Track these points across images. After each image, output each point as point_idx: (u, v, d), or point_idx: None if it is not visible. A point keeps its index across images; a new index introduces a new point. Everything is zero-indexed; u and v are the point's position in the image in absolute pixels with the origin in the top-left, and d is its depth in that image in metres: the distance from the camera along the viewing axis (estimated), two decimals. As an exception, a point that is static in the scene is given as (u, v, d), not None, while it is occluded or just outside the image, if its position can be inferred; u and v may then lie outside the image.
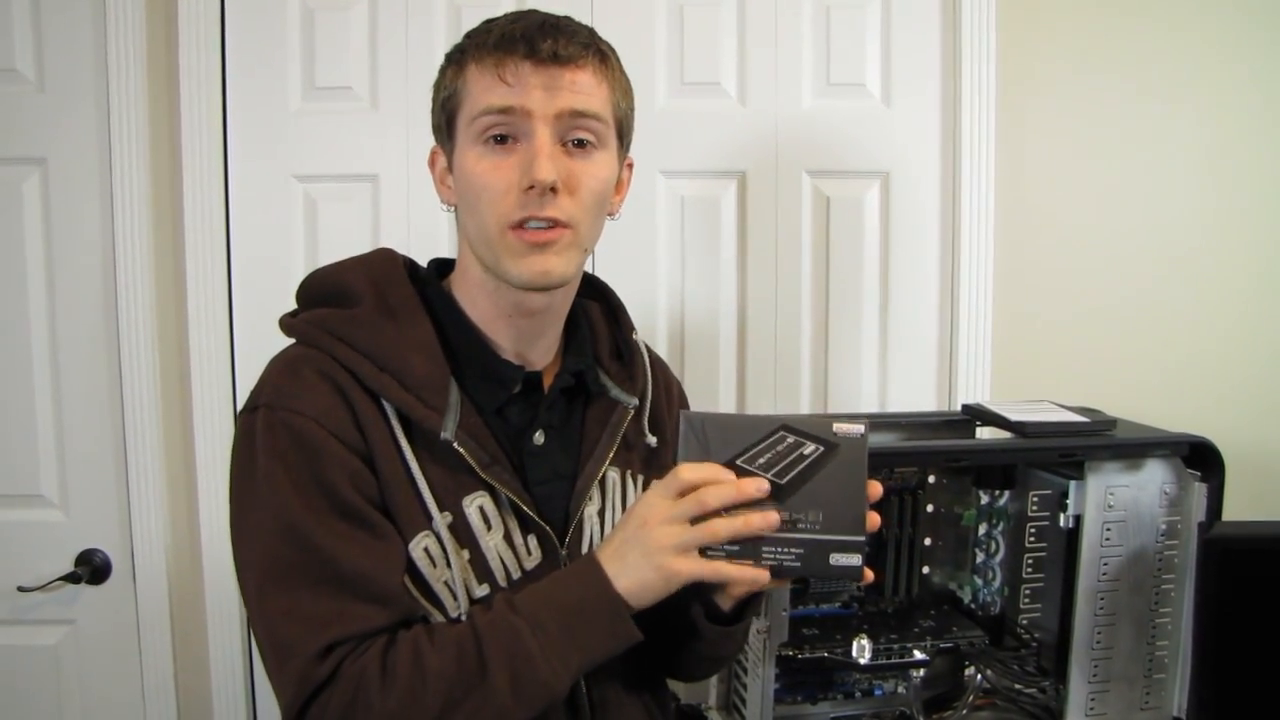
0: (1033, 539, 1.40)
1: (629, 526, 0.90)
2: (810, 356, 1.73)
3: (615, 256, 1.65)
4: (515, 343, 1.01)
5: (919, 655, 1.35)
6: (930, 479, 1.41)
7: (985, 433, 1.46)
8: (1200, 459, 1.31)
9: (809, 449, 0.88)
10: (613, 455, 1.04)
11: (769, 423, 0.89)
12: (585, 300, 1.10)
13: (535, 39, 0.92)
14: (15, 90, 1.61)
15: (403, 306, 0.98)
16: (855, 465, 0.88)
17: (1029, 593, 1.41)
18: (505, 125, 0.93)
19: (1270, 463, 1.69)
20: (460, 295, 1.02)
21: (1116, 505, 1.31)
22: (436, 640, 0.88)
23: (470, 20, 1.04)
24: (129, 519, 1.65)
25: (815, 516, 0.87)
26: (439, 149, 1.02)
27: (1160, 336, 1.73)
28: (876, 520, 0.90)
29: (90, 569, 1.64)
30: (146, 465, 1.64)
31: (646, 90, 1.62)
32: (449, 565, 0.94)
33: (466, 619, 0.91)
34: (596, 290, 1.14)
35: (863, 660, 1.32)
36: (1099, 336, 1.73)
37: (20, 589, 1.62)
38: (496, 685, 0.86)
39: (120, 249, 1.61)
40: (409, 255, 1.07)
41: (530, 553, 0.98)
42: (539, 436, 1.01)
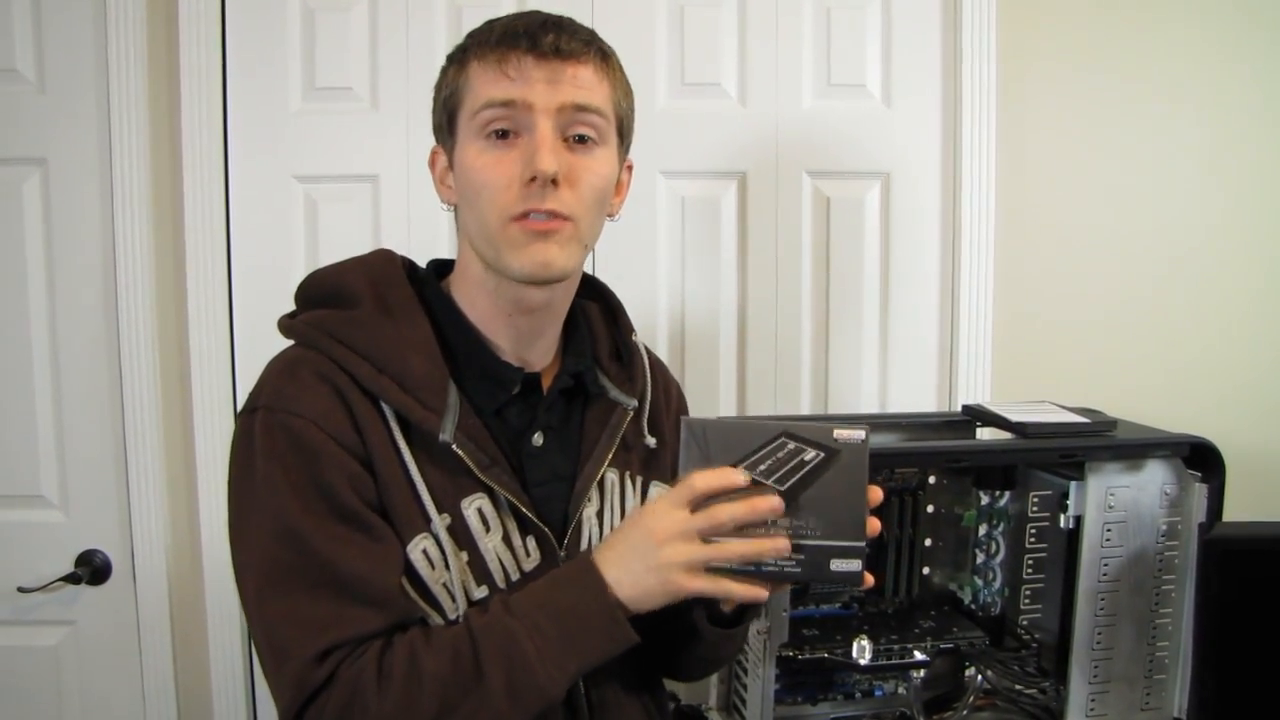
0: (1033, 540, 1.40)
1: (634, 535, 0.89)
2: (810, 357, 1.73)
3: (615, 257, 1.65)
4: (514, 343, 1.01)
5: (919, 656, 1.35)
6: (930, 480, 1.41)
7: (986, 433, 1.46)
8: (1201, 460, 1.31)
9: (810, 455, 0.88)
10: (612, 456, 1.04)
11: (770, 429, 0.89)
12: (584, 301, 1.10)
13: (538, 34, 0.93)
14: (15, 90, 1.61)
15: (401, 308, 0.98)
16: (856, 471, 0.88)
17: (1029, 593, 1.41)
18: (507, 119, 0.93)
19: (1271, 464, 1.69)
20: (459, 296, 1.02)
21: (1117, 506, 1.31)
22: (433, 643, 0.88)
23: (471, 21, 1.04)
24: (129, 519, 1.65)
25: (816, 522, 0.87)
26: (439, 149, 1.02)
27: (1161, 337, 1.73)
28: (877, 526, 0.89)
29: (90, 570, 1.64)
30: (146, 465, 1.64)
31: (647, 90, 1.62)
32: (447, 567, 0.94)
33: (462, 621, 0.91)
34: (595, 291, 1.14)
35: (863, 661, 1.32)
36: (1099, 337, 1.73)
37: (20, 590, 1.62)
38: (492, 688, 0.86)
39: (120, 249, 1.61)
40: (409, 256, 1.07)
41: (529, 554, 0.98)
42: (538, 438, 1.00)
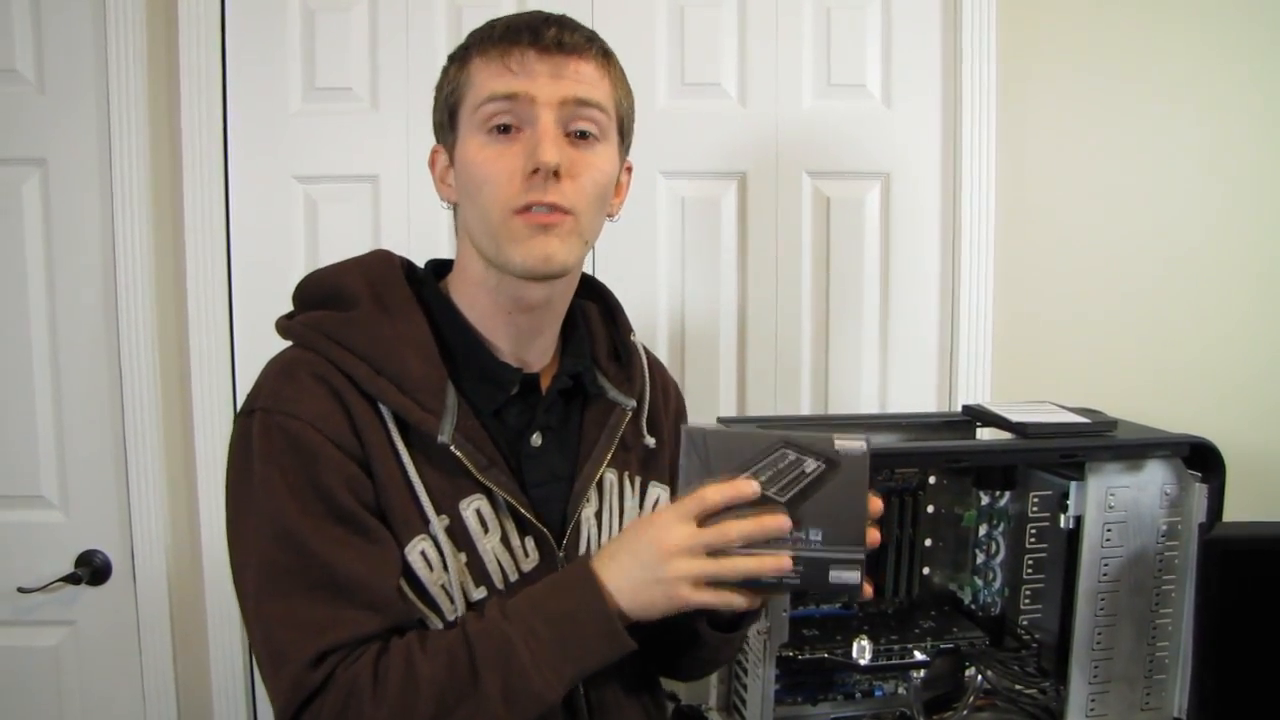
0: (1033, 540, 1.40)
1: (639, 545, 0.88)
2: (810, 357, 1.73)
3: (615, 257, 1.65)
4: (513, 343, 1.01)
5: (919, 656, 1.35)
6: (931, 480, 1.40)
7: (986, 433, 1.46)
8: (1201, 460, 1.31)
9: (810, 465, 0.88)
10: (610, 457, 1.04)
11: (771, 439, 0.89)
12: (583, 301, 1.10)
13: (541, 29, 0.94)
14: (15, 90, 1.61)
15: (399, 308, 0.98)
16: (856, 482, 0.88)
17: (1029, 593, 1.41)
18: (509, 113, 0.93)
19: (1271, 464, 1.69)
20: (458, 295, 1.02)
21: (1117, 506, 1.30)
22: (429, 648, 0.88)
23: (471, 21, 1.04)
24: (129, 520, 1.65)
25: (816, 533, 0.87)
26: (440, 147, 1.02)
27: (1161, 337, 1.73)
28: (876, 537, 0.89)
29: (90, 570, 1.64)
30: (146, 466, 1.64)
31: (647, 90, 1.62)
32: (446, 569, 0.94)
33: (459, 626, 0.90)
34: (594, 291, 1.14)
35: (863, 661, 1.32)
36: (1100, 337, 1.73)
37: (20, 590, 1.62)
38: (488, 694, 0.86)
39: (120, 249, 1.61)
40: (409, 256, 1.07)
41: (528, 555, 0.98)
42: (536, 438, 1.00)
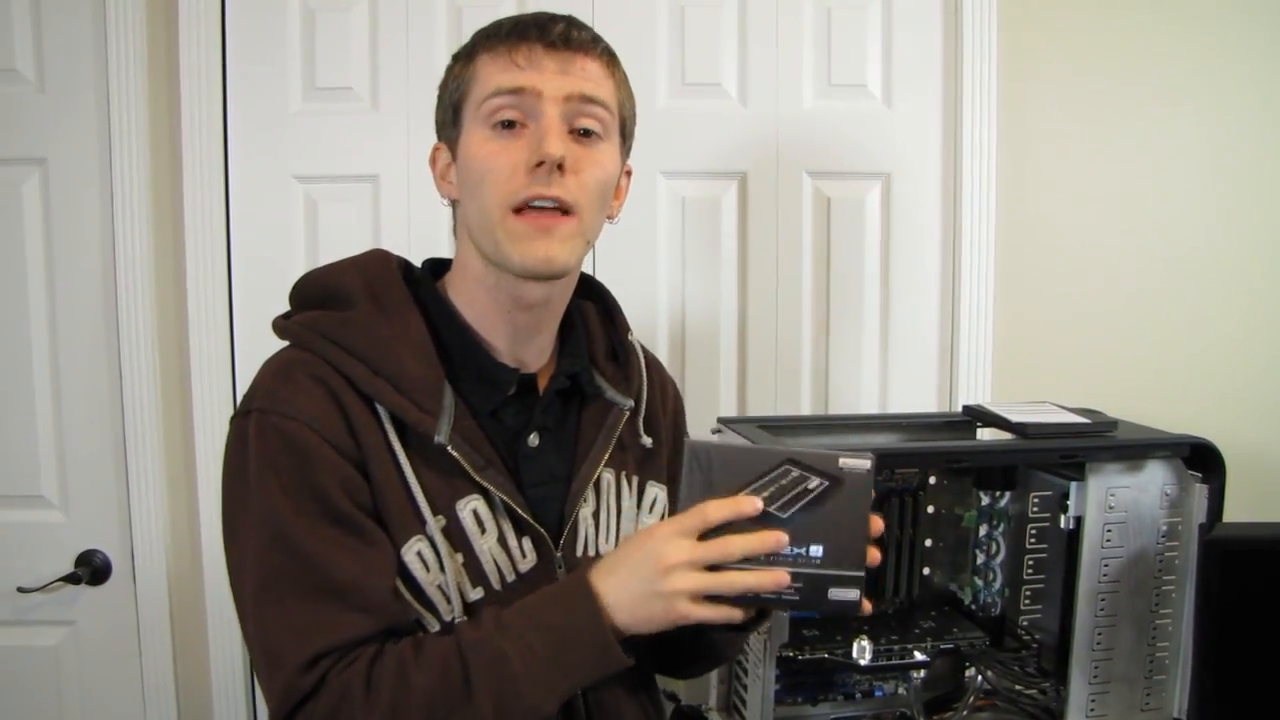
0: (1033, 540, 1.40)
1: (638, 558, 0.88)
2: (811, 357, 1.73)
3: (615, 257, 1.65)
4: (511, 343, 1.01)
5: (919, 656, 1.34)
6: (931, 480, 1.40)
7: (986, 434, 1.46)
8: (1201, 460, 1.30)
9: (814, 483, 0.88)
10: (608, 457, 1.04)
11: (775, 455, 0.89)
12: (581, 301, 1.10)
13: (548, 25, 0.94)
14: (15, 90, 1.61)
15: (396, 308, 0.98)
16: (859, 501, 0.88)
17: (1029, 594, 1.41)
18: (514, 108, 0.94)
19: (1271, 464, 1.69)
20: (456, 295, 1.02)
21: (1117, 506, 1.30)
22: (422, 657, 0.87)
23: (470, 21, 1.04)
24: (129, 520, 1.65)
25: (816, 550, 0.87)
26: (441, 145, 1.02)
27: (1161, 337, 1.73)
28: (877, 556, 0.89)
29: (90, 570, 1.65)
30: (146, 466, 1.64)
31: (647, 90, 1.62)
32: (442, 569, 0.93)
33: (453, 636, 0.90)
34: (592, 291, 1.13)
35: (863, 661, 1.31)
36: (1100, 337, 1.72)
37: (20, 590, 1.62)
38: (480, 706, 0.85)
39: (120, 249, 1.61)
40: (408, 256, 1.07)
41: (525, 555, 0.98)
42: (534, 439, 1.00)
